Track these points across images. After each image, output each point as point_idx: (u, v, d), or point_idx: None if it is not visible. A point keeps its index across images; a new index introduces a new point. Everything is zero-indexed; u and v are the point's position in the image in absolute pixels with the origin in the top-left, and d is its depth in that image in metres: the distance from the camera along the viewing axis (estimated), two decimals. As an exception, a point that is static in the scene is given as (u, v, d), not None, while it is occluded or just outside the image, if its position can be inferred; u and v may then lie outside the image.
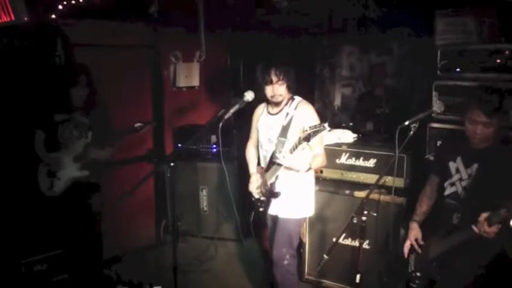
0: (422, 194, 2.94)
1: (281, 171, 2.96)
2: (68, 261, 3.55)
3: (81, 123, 3.43)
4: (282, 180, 3.02)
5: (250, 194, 3.19)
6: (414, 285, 2.80)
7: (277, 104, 3.02)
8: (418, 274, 2.79)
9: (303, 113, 2.95)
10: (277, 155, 2.87)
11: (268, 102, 3.09)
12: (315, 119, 2.95)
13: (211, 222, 4.74)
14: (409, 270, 2.84)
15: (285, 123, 2.95)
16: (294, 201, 3.06)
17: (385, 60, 4.80)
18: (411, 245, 2.82)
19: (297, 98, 3.04)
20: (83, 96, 3.38)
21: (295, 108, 2.97)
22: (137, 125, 3.43)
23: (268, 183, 3.02)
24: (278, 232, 3.10)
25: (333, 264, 3.45)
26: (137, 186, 2.84)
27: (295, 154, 2.79)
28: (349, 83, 5.06)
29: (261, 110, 3.18)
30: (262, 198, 3.09)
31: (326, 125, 2.64)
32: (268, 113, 3.11)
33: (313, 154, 2.96)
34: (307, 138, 2.67)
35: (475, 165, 2.62)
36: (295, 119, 2.93)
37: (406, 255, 2.84)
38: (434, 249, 2.68)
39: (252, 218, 3.09)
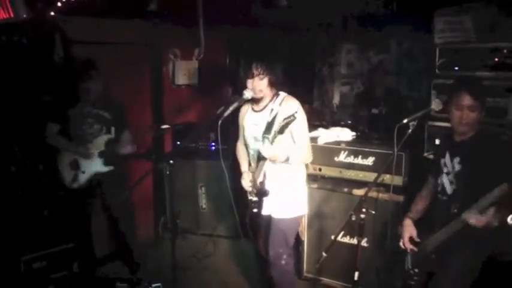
0: (418, 194, 2.97)
1: (267, 167, 2.91)
2: (73, 257, 3.59)
3: (100, 117, 3.50)
4: (271, 179, 2.96)
5: (245, 194, 3.13)
6: (412, 282, 2.80)
7: (259, 100, 2.94)
8: (415, 271, 2.79)
9: (288, 108, 2.85)
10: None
11: (252, 99, 2.97)
12: (300, 114, 2.87)
13: (210, 220, 4.75)
14: (406, 268, 2.85)
15: (269, 120, 2.87)
16: (286, 200, 3.01)
17: (384, 58, 4.81)
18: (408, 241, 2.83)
19: (282, 94, 2.96)
20: (97, 89, 3.49)
21: (280, 104, 2.90)
22: (164, 127, 3.49)
23: (258, 182, 2.96)
24: (273, 232, 3.05)
25: (331, 261, 3.47)
26: (136, 184, 2.86)
27: (275, 145, 2.77)
28: (348, 81, 5.07)
29: (246, 108, 3.10)
30: (254, 199, 3.02)
31: (296, 114, 2.65)
32: (253, 110, 3.03)
33: (297, 146, 2.91)
34: (281, 131, 2.69)
35: (458, 158, 2.64)
36: (279, 115, 2.83)
37: (408, 250, 2.84)
38: (432, 242, 2.69)
39: (247, 219, 3.06)
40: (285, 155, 2.85)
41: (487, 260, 2.57)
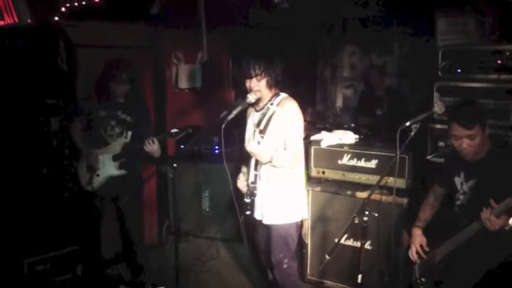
0: (425, 202, 2.93)
1: (260, 169, 2.91)
2: (77, 260, 3.59)
3: (123, 121, 3.50)
4: (263, 182, 2.94)
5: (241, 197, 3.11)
6: None
7: (259, 100, 2.91)
8: (423, 280, 2.78)
9: (284, 109, 2.84)
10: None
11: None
12: (296, 117, 2.86)
13: (213, 223, 4.74)
14: (413, 278, 2.83)
15: (262, 118, 2.88)
16: (280, 205, 2.94)
17: (386, 60, 4.81)
18: (417, 251, 2.81)
19: (282, 94, 2.93)
20: (125, 92, 3.48)
21: (278, 104, 2.87)
22: (173, 130, 3.38)
23: (249, 182, 2.94)
24: (272, 238, 3.00)
25: (334, 264, 3.46)
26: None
27: (257, 141, 2.79)
28: (351, 84, 5.08)
29: (251, 108, 3.08)
30: (247, 201, 2.98)
31: (271, 106, 2.81)
32: (255, 109, 3.02)
33: (285, 150, 2.87)
34: (258, 124, 2.79)
35: (475, 179, 2.62)
36: (275, 115, 2.84)
37: (413, 260, 2.83)
38: (441, 252, 2.67)
39: (241, 223, 3.02)
40: (269, 154, 2.81)
41: (494, 268, 2.54)
